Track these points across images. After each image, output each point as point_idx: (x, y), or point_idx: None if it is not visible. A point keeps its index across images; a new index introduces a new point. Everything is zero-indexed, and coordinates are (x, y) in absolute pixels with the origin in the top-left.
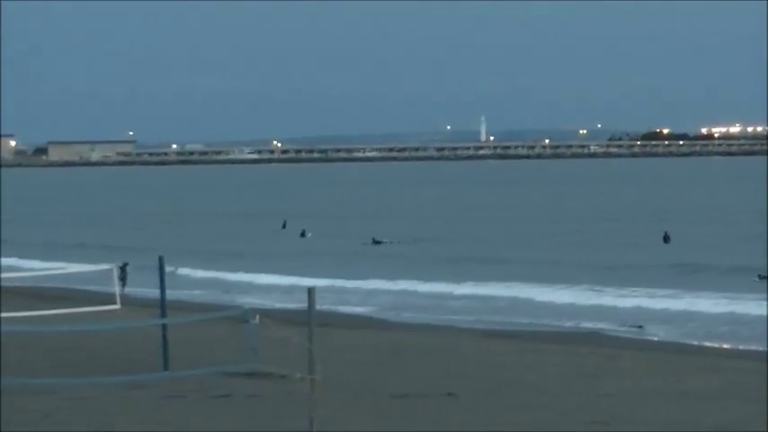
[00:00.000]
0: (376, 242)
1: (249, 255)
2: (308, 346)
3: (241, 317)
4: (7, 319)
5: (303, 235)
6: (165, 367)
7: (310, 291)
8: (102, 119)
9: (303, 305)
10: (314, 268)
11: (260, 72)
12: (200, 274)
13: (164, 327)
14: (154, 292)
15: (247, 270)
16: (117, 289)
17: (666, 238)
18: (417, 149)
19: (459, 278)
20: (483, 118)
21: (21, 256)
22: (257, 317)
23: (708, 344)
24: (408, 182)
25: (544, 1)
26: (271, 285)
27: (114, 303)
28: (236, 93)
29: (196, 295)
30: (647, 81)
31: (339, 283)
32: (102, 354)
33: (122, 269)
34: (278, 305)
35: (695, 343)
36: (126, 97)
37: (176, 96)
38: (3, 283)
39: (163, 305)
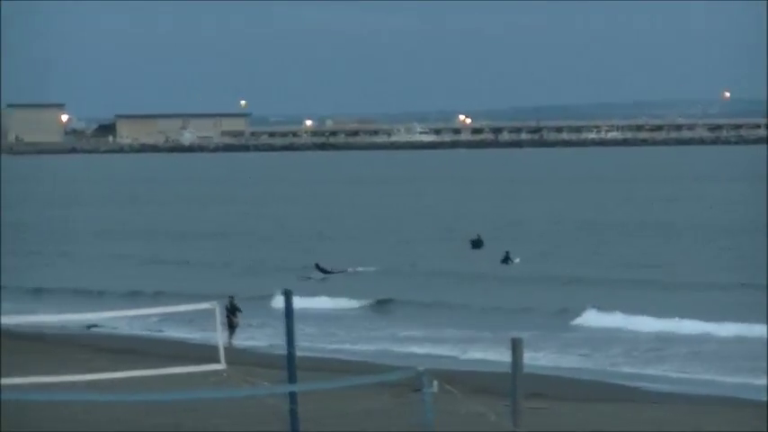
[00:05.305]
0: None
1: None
2: (512, 428)
3: (411, 382)
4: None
5: (507, 260)
6: None
7: (515, 343)
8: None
9: (500, 366)
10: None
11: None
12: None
13: (292, 397)
14: (273, 345)
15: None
16: (221, 339)
17: None
18: (680, 128)
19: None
20: None
21: None
22: (435, 383)
23: None
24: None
25: None
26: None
27: (218, 362)
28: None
29: (339, 348)
30: None
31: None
32: None
33: (230, 307)
34: (464, 366)
35: None
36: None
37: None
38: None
39: (291, 364)
